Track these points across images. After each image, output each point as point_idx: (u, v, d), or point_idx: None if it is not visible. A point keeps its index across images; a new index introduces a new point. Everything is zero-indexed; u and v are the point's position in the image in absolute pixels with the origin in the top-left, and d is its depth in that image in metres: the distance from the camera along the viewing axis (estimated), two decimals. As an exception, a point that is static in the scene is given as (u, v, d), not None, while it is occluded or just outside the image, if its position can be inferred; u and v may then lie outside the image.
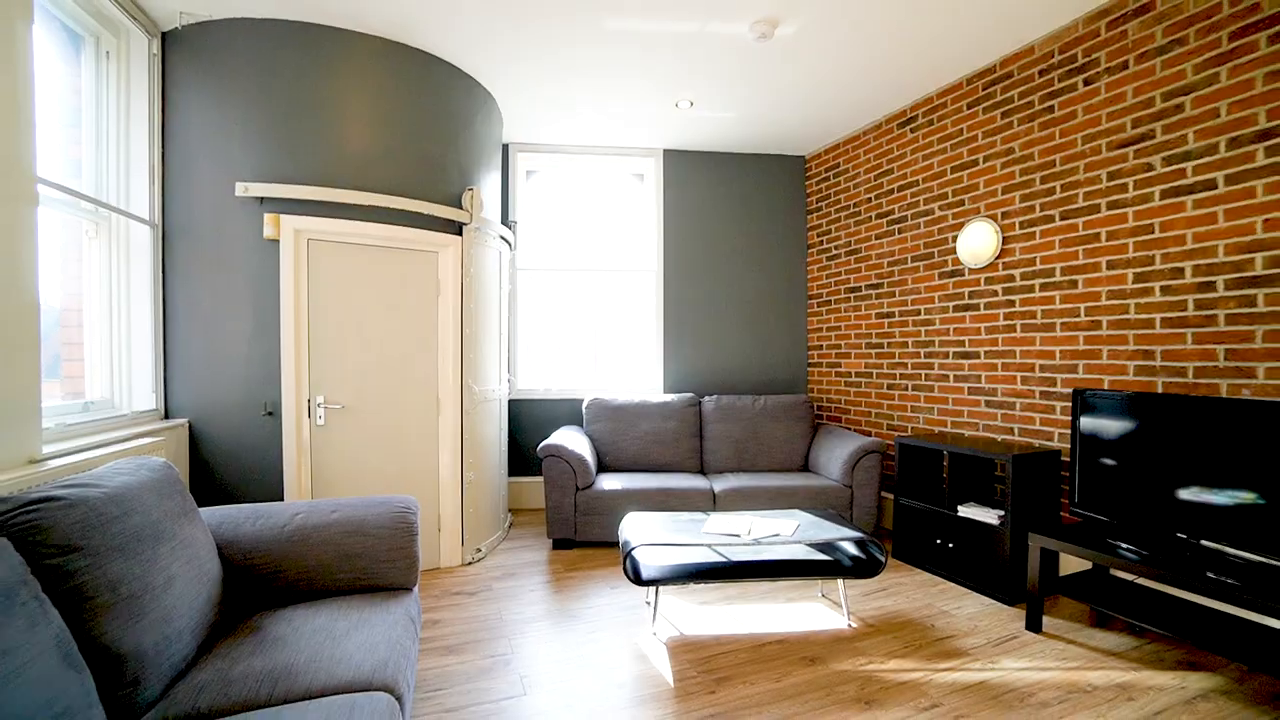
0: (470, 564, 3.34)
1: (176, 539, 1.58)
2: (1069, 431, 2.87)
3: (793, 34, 2.98)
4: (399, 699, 1.44)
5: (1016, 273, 3.14)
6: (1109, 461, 2.49)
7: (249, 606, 1.85)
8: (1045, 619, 2.65)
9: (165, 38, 2.92)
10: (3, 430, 1.74)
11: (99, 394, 2.76)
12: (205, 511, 1.98)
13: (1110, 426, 2.49)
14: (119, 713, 1.27)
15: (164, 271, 2.92)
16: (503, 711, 1.98)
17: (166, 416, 2.94)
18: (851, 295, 4.32)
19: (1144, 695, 2.04)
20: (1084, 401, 2.58)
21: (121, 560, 1.36)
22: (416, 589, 2.03)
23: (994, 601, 2.81)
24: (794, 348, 4.79)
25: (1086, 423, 2.57)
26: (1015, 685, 2.11)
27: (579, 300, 4.71)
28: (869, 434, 4.17)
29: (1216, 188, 2.36)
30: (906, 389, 3.85)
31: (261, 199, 2.86)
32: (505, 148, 4.49)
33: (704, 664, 2.27)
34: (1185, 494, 2.24)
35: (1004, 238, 3.20)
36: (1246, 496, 2.07)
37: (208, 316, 2.90)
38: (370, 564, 1.95)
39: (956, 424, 3.50)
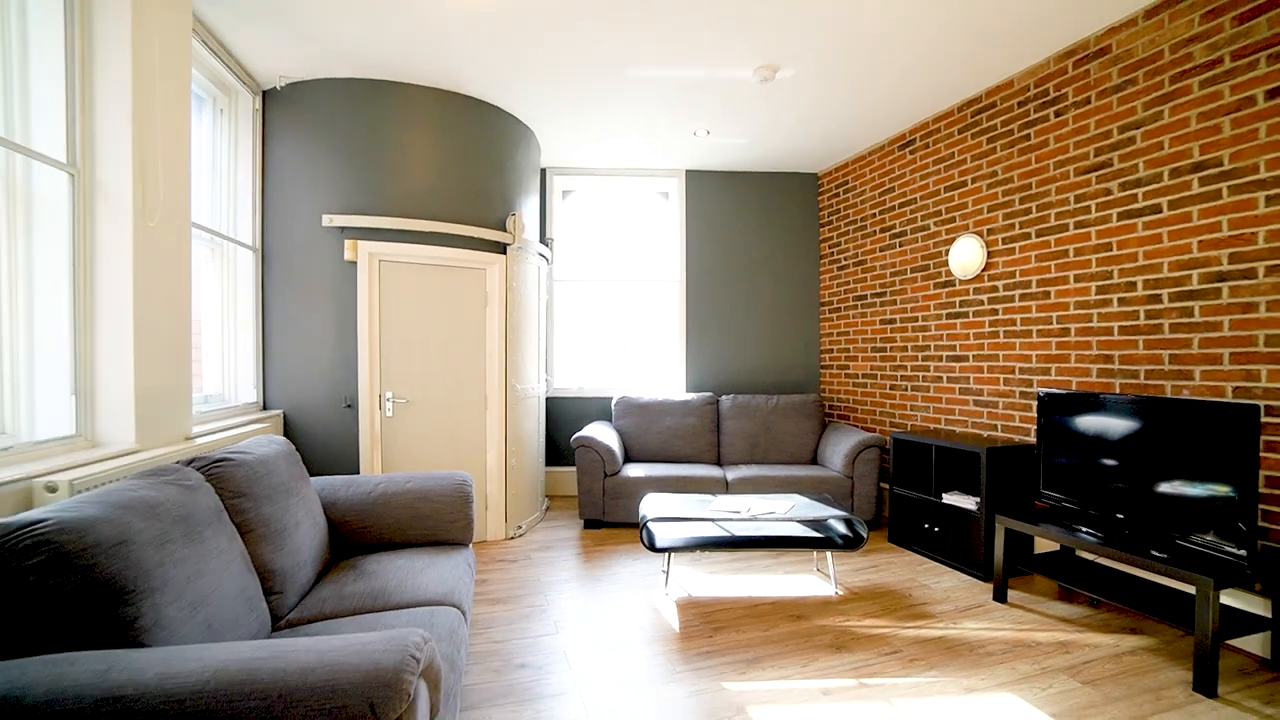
0: (512, 539, 3.86)
1: (299, 495, 2.12)
2: (1042, 427, 3.20)
3: (792, 77, 3.40)
4: (463, 613, 1.94)
5: (1000, 284, 3.48)
6: (1065, 452, 2.82)
7: (345, 552, 2.39)
8: (1016, 593, 2.99)
9: (265, 96, 3.54)
10: (169, 415, 2.32)
11: (213, 389, 3.37)
12: (311, 480, 2.53)
13: (1064, 423, 2.82)
14: (271, 612, 1.80)
15: (263, 288, 3.53)
16: (539, 644, 2.47)
17: (265, 408, 3.55)
18: (859, 303, 4.68)
19: (1080, 650, 2.39)
20: (1044, 401, 2.92)
21: (269, 505, 1.90)
22: (471, 545, 2.54)
23: (970, 578, 3.16)
24: (807, 351, 5.17)
25: (1047, 420, 2.91)
26: (968, 640, 2.49)
27: (609, 308, 5.20)
28: (873, 430, 4.52)
29: (1161, 211, 2.68)
30: (906, 389, 4.20)
31: (343, 228, 3.44)
32: (543, 171, 5.02)
33: (706, 617, 2.71)
34: (1123, 480, 2.57)
35: (989, 252, 3.54)
36: (1173, 484, 2.39)
37: (298, 325, 3.50)
38: (436, 523, 2.46)
39: (949, 421, 3.84)
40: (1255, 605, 2.35)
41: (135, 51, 2.11)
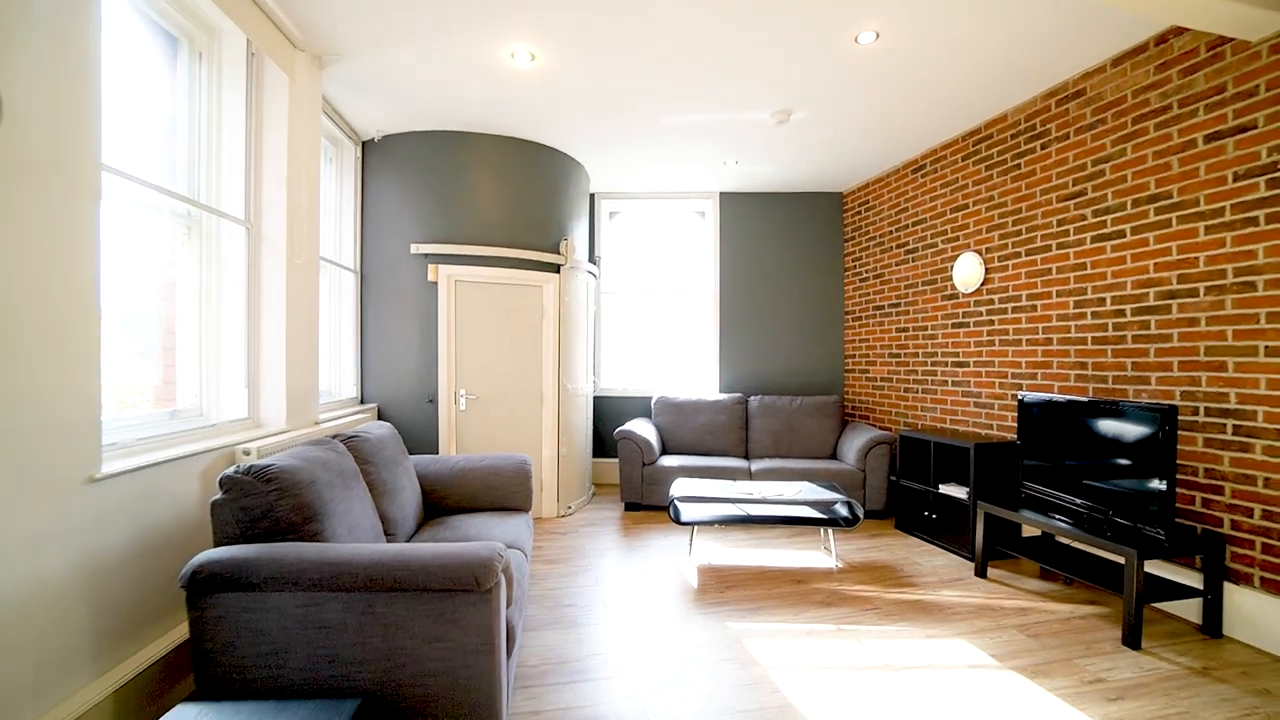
0: (563, 516, 4.50)
1: (403, 466, 2.81)
2: (1030, 426, 3.58)
3: (804, 118, 3.90)
4: (526, 555, 2.57)
5: (996, 297, 3.86)
6: (1038, 447, 3.22)
7: (433, 513, 3.06)
8: (1000, 572, 3.38)
9: (364, 146, 4.31)
10: (305, 404, 3.06)
11: (323, 385, 4.15)
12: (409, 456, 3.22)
13: (1036, 422, 3.22)
14: (388, 547, 2.48)
15: (362, 303, 4.31)
16: (583, 592, 3.08)
17: (362, 401, 4.32)
18: (877, 313, 5.10)
19: (1037, 614, 2.81)
20: (1022, 404, 3.32)
21: (386, 471, 2.58)
22: (531, 512, 3.17)
23: (960, 558, 3.58)
24: (831, 356, 5.61)
25: (1024, 420, 3.31)
26: (941, 603, 2.94)
27: (651, 316, 5.80)
28: (889, 429, 4.93)
29: (1126, 236, 3.04)
30: (918, 391, 4.60)
31: (427, 255, 4.17)
32: (592, 196, 5.66)
33: (720, 579, 3.26)
34: (1080, 470, 2.95)
35: (987, 268, 3.93)
36: (1115, 473, 2.77)
37: (389, 334, 4.24)
38: (503, 493, 3.11)
39: (954, 421, 4.23)
40: (1193, 579, 2.71)
41: (290, 136, 2.86)
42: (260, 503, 1.75)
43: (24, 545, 1.50)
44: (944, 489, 3.74)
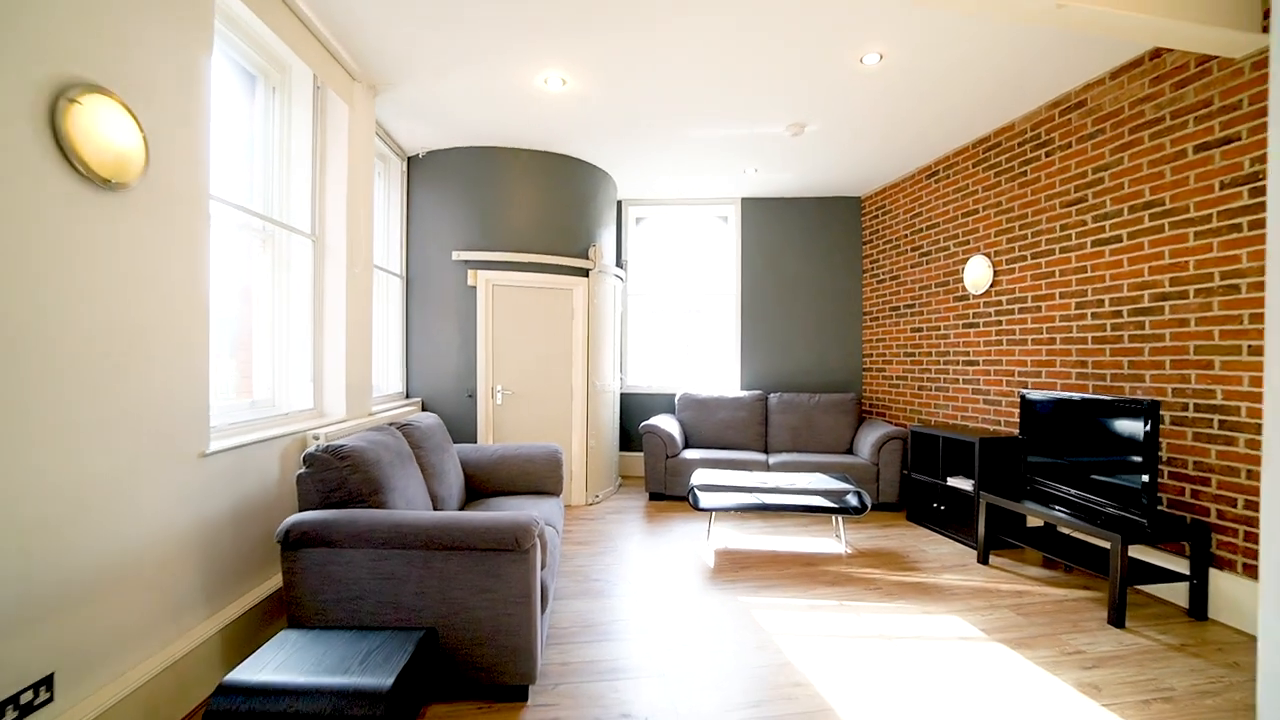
0: (591, 504, 4.81)
1: (448, 452, 3.14)
2: (1035, 422, 3.74)
3: (818, 130, 4.12)
4: (557, 531, 2.87)
5: (1003, 299, 4.03)
6: (1038, 440, 3.39)
7: (474, 496, 3.40)
8: (1003, 560, 3.56)
9: (409, 161, 4.69)
10: (360, 397, 3.42)
11: (374, 381, 4.54)
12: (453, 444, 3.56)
13: (1037, 417, 3.39)
14: (436, 522, 2.81)
15: (407, 306, 4.68)
16: (609, 569, 3.37)
17: (407, 396, 4.69)
18: (893, 314, 5.27)
19: (1031, 596, 2.99)
20: (1024, 400, 3.49)
21: (435, 455, 2.92)
22: (562, 495, 3.48)
23: (965, 547, 3.76)
24: (850, 355, 5.80)
25: (1027, 415, 3.48)
26: (940, 585, 3.14)
27: (675, 316, 6.07)
28: (904, 425, 5.10)
29: (1123, 241, 3.20)
30: (931, 389, 4.77)
31: (466, 261, 4.53)
32: (619, 203, 5.96)
33: (735, 561, 3.52)
34: (1075, 463, 3.12)
35: (995, 271, 4.09)
36: (1106, 465, 2.94)
37: (432, 334, 4.61)
38: (537, 479, 3.42)
39: (964, 417, 4.40)
40: (1182, 566, 2.86)
41: (349, 157, 3.22)
42: (336, 476, 2.09)
43: (161, 505, 1.86)
44: (951, 481, 3.92)
